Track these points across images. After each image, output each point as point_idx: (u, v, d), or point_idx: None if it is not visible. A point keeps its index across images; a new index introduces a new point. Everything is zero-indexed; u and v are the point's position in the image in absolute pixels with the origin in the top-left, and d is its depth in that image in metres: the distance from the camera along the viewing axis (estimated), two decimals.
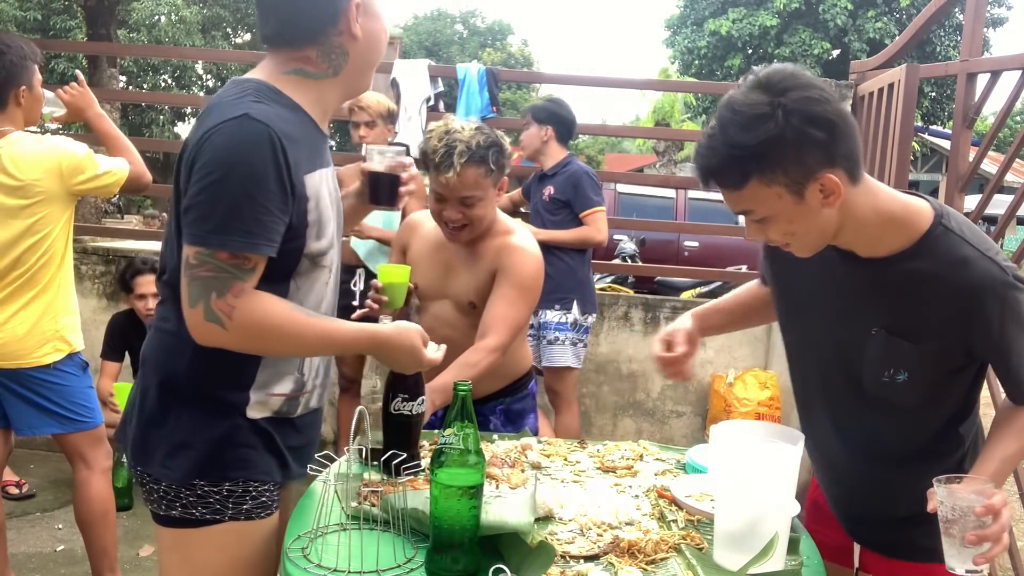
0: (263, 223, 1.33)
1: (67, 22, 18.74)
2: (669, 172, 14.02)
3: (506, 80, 5.15)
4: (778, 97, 1.28)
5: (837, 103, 1.32)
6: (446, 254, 2.20)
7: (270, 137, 1.33)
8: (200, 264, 1.33)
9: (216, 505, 1.44)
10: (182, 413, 1.44)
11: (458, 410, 1.31)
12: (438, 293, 2.21)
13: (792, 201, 1.33)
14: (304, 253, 1.44)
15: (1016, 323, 1.39)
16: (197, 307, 1.34)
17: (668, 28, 18.72)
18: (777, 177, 1.30)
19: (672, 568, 1.37)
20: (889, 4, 16.20)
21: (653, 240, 8.58)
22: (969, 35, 3.46)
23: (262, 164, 1.32)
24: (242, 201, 1.31)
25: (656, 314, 4.35)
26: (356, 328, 1.49)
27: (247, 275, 1.34)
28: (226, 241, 1.31)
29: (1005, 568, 3.22)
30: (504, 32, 31.57)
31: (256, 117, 1.34)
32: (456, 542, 1.29)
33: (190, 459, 1.43)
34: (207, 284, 1.33)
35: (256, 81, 1.44)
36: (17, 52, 2.52)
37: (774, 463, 1.35)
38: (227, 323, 1.34)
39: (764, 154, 1.29)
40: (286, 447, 1.53)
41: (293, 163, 1.37)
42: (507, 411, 2.31)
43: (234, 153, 1.32)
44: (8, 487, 3.66)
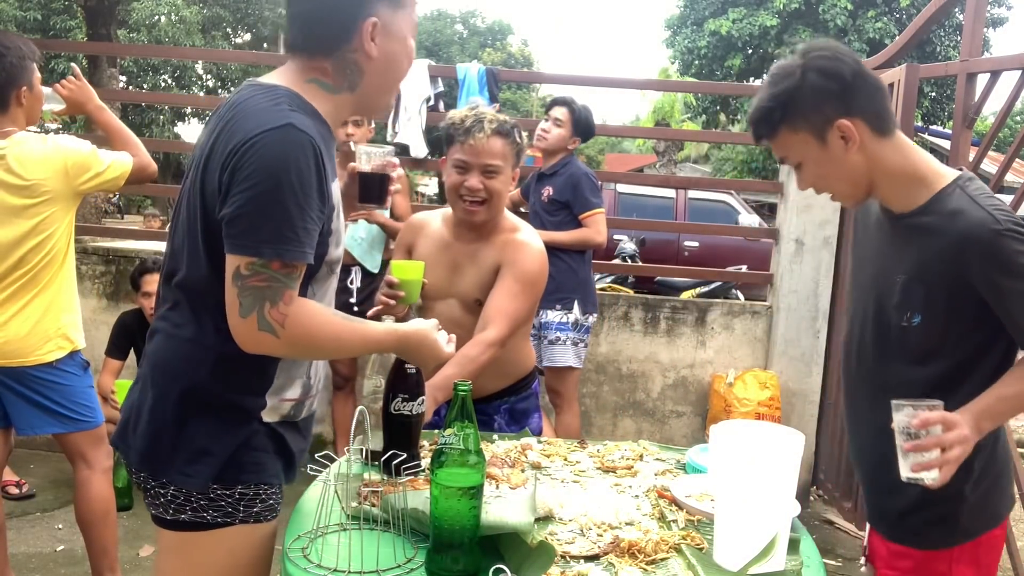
0: (310, 232, 1.35)
1: (67, 22, 18.74)
2: (669, 172, 14.03)
3: (506, 80, 5.15)
4: (802, 59, 1.55)
5: (856, 65, 1.55)
6: (452, 253, 2.21)
7: (313, 147, 1.35)
8: (253, 275, 1.33)
9: (228, 508, 1.43)
10: (203, 420, 1.42)
11: (458, 410, 1.31)
12: (444, 292, 2.21)
13: (817, 146, 1.56)
14: (325, 260, 1.46)
15: (1005, 271, 1.47)
16: (250, 317, 1.33)
17: (668, 28, 18.72)
18: (800, 124, 1.55)
19: (672, 568, 1.37)
20: (889, 4, 16.19)
21: (653, 240, 8.59)
22: (969, 35, 3.46)
23: (308, 174, 1.33)
24: (293, 211, 1.32)
25: (656, 314, 4.36)
26: (384, 328, 1.54)
27: (295, 283, 1.36)
28: (280, 251, 1.32)
29: (1005, 568, 3.22)
30: (504, 32, 31.57)
31: (299, 127, 1.34)
32: (456, 542, 1.29)
33: (211, 465, 1.41)
34: (261, 294, 1.33)
35: (285, 88, 1.44)
36: (16, 53, 2.52)
37: (774, 463, 1.35)
38: (280, 331, 1.34)
39: (787, 104, 1.54)
40: (296, 450, 1.54)
41: (331, 174, 1.40)
42: (511, 410, 2.31)
43: (283, 163, 1.32)
44: (8, 487, 3.66)
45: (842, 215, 4.14)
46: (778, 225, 4.37)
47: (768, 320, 4.30)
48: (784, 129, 1.57)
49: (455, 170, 2.13)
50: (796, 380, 4.17)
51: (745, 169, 20.17)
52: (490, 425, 2.25)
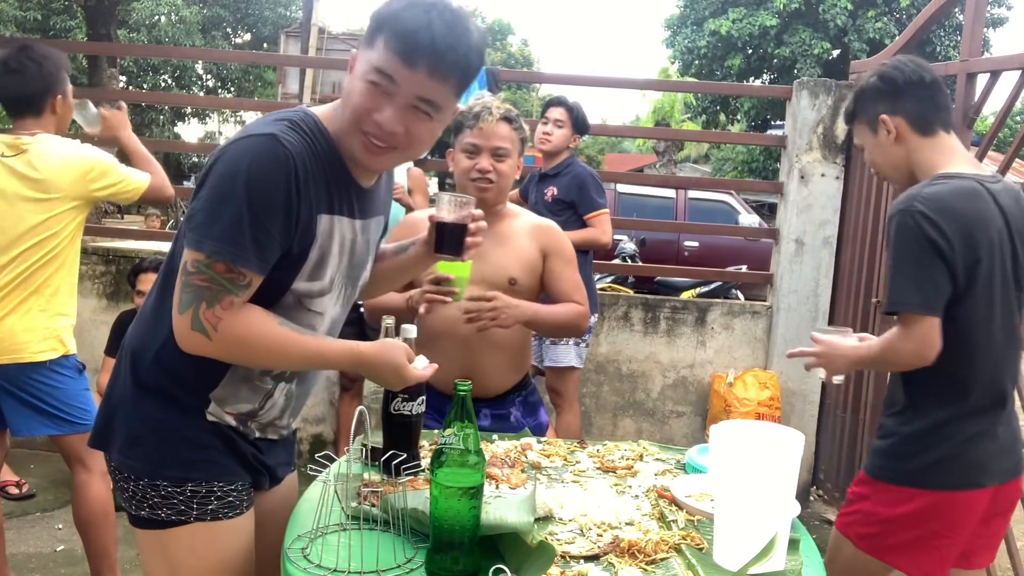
0: (260, 242, 1.33)
1: (67, 22, 18.74)
2: (669, 172, 14.04)
3: (506, 80, 5.15)
4: (880, 66, 1.99)
5: (913, 75, 1.93)
6: None
7: (289, 163, 1.32)
8: (197, 272, 1.33)
9: (180, 506, 1.45)
10: (149, 403, 1.45)
11: (458, 410, 1.31)
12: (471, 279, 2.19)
13: (871, 135, 1.99)
14: (293, 289, 1.43)
15: (891, 244, 1.85)
16: (186, 314, 1.34)
17: (668, 28, 18.72)
18: (861, 117, 2.00)
19: (672, 568, 1.37)
20: (889, 4, 16.20)
21: (653, 240, 8.59)
22: (969, 35, 3.47)
23: (275, 186, 1.32)
24: (245, 216, 1.31)
25: (656, 314, 4.36)
26: (340, 346, 1.47)
27: (241, 291, 1.35)
28: (224, 252, 1.31)
29: (1005, 568, 3.22)
30: (504, 32, 31.60)
31: (281, 140, 1.33)
32: (456, 542, 1.29)
33: (149, 451, 1.45)
34: (199, 293, 1.33)
35: (304, 111, 1.44)
36: (54, 62, 2.61)
37: (774, 463, 1.35)
38: (212, 334, 1.34)
39: (856, 99, 2.01)
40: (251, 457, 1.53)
41: (307, 196, 1.37)
42: (524, 403, 2.33)
43: (250, 169, 1.31)
44: (8, 487, 3.66)
45: (842, 215, 4.14)
46: (778, 225, 4.37)
47: (768, 320, 4.30)
48: (856, 121, 2.03)
49: (465, 155, 2.19)
50: (796, 380, 4.17)
51: (745, 169, 20.18)
52: (507, 419, 2.26)
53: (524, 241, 2.22)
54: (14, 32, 17.27)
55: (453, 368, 2.14)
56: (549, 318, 2.20)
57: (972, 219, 1.80)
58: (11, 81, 2.56)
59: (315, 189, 1.38)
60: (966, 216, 1.80)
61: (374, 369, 1.48)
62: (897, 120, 1.92)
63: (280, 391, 1.53)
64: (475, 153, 2.17)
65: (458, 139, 2.21)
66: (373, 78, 1.35)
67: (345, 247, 1.49)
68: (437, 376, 2.13)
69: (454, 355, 2.14)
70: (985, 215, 1.83)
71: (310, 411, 4.20)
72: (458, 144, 2.21)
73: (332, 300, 1.52)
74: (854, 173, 4.09)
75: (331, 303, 1.52)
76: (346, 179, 1.46)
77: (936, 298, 1.79)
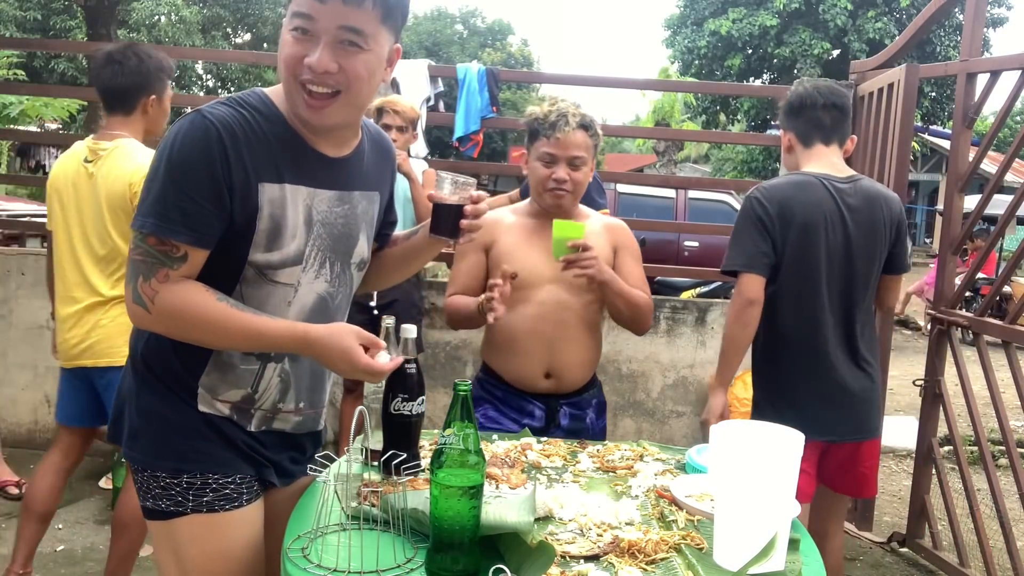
0: (187, 212, 1.36)
1: (67, 22, 18.74)
2: (669, 172, 14.03)
3: (506, 80, 5.15)
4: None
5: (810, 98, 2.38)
6: (543, 239, 2.20)
7: (211, 132, 1.36)
8: (135, 248, 1.41)
9: (178, 498, 1.47)
10: (147, 395, 1.50)
11: (458, 410, 1.31)
12: (543, 279, 2.21)
13: (784, 144, 2.49)
14: (249, 261, 1.44)
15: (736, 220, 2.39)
16: (128, 288, 1.41)
17: (668, 28, 18.73)
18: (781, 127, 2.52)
19: (672, 568, 1.37)
20: (889, 4, 16.20)
21: (653, 240, 8.57)
22: (969, 35, 3.46)
23: (193, 156, 1.36)
24: (168, 188, 1.37)
25: (656, 314, 4.35)
26: (284, 325, 1.43)
27: (175, 263, 1.39)
28: (151, 225, 1.37)
29: (1005, 568, 3.22)
30: (504, 32, 31.59)
31: (206, 115, 1.38)
32: (456, 542, 1.29)
33: (147, 442, 1.49)
34: (137, 267, 1.40)
35: (252, 90, 1.49)
36: (156, 63, 2.63)
37: (774, 463, 1.35)
38: (150, 306, 1.39)
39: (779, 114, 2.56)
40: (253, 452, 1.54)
41: (240, 164, 1.38)
42: (598, 403, 2.38)
43: (171, 145, 1.38)
44: (8, 487, 3.66)
45: None
46: None
47: None
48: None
49: (541, 163, 2.20)
50: None
51: (745, 169, 20.17)
52: (583, 420, 2.29)
53: (598, 240, 2.24)
54: (14, 32, 17.27)
55: (535, 365, 2.22)
56: (626, 292, 2.21)
57: (795, 204, 2.29)
58: (109, 72, 2.58)
59: (252, 158, 1.39)
60: (789, 201, 2.29)
61: (322, 352, 1.43)
62: (789, 135, 2.45)
63: (271, 371, 1.52)
64: (552, 163, 2.18)
65: (533, 146, 2.21)
66: (294, 24, 1.39)
67: (314, 218, 1.48)
68: (518, 374, 2.22)
69: (536, 352, 2.20)
70: (811, 203, 2.30)
71: None
72: (533, 151, 2.22)
73: (311, 275, 1.51)
74: None
75: (310, 277, 1.51)
76: (302, 148, 1.47)
77: (757, 259, 2.30)
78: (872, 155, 3.83)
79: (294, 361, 1.55)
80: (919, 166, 21.46)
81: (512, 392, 2.25)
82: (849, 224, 2.31)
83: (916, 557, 3.62)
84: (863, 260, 2.34)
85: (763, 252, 2.29)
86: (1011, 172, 3.78)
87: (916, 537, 3.62)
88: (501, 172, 12.38)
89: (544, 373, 2.23)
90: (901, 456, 5.14)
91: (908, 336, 10.20)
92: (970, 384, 3.35)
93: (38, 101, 11.56)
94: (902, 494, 4.38)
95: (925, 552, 3.56)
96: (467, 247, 2.19)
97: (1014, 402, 3.14)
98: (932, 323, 3.59)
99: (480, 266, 2.25)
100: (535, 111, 2.23)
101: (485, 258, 2.26)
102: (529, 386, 2.23)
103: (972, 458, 4.05)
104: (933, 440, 3.57)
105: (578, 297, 2.23)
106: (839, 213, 2.30)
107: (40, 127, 12.91)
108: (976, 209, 3.55)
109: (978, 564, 3.31)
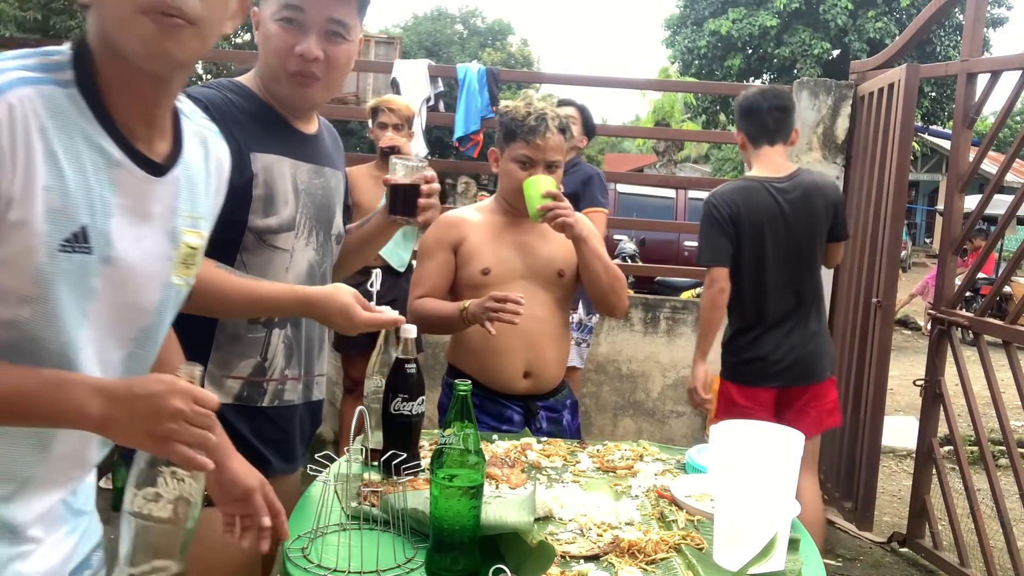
0: None
1: (67, 22, 18.72)
2: (669, 172, 14.02)
3: (506, 80, 5.15)
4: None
5: (748, 103, 2.87)
6: (514, 235, 2.21)
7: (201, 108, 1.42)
8: None
9: None
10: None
11: (458, 410, 1.31)
12: (515, 274, 2.19)
13: (739, 142, 2.97)
14: (248, 227, 1.50)
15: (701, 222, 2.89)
16: None
17: (668, 28, 18.71)
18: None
19: (672, 568, 1.37)
20: (889, 4, 16.19)
21: (653, 240, 8.59)
22: (969, 35, 3.46)
23: None
24: None
25: (656, 314, 4.35)
26: (283, 288, 1.51)
27: None
28: None
29: (1005, 568, 3.22)
30: (504, 32, 31.58)
31: (191, 94, 1.42)
32: (456, 542, 1.29)
33: None
34: None
35: (219, 80, 1.59)
36: None
37: (774, 463, 1.35)
38: None
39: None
40: (259, 439, 1.55)
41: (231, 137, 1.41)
42: (572, 404, 2.35)
43: None
44: None
45: None
46: None
47: None
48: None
49: (518, 165, 2.16)
50: None
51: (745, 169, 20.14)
52: (560, 423, 2.26)
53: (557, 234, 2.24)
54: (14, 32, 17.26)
55: (515, 364, 2.18)
56: (603, 254, 2.22)
57: (742, 208, 2.79)
58: None
59: (240, 131, 1.48)
60: (738, 206, 2.79)
61: (323, 312, 1.51)
62: (741, 135, 2.91)
63: (277, 337, 1.57)
64: (530, 166, 2.15)
65: (509, 147, 2.18)
66: (283, 15, 1.49)
67: (300, 187, 1.58)
68: (497, 375, 2.18)
69: (515, 350, 2.17)
70: (757, 205, 2.79)
71: None
72: (509, 151, 2.18)
73: (303, 242, 1.59)
74: (854, 173, 4.09)
75: (301, 244, 1.59)
76: (281, 123, 1.57)
77: (720, 254, 2.80)
78: (872, 155, 3.83)
79: (295, 326, 1.61)
80: (919, 166, 21.46)
81: (488, 397, 2.17)
82: (789, 217, 2.80)
83: (916, 557, 3.62)
84: (806, 243, 2.84)
85: (724, 247, 2.80)
86: (1011, 172, 3.75)
87: (916, 537, 3.62)
88: None
89: (523, 372, 2.18)
90: (901, 456, 5.14)
91: (908, 336, 10.20)
92: (970, 384, 3.35)
93: None
94: (902, 494, 4.38)
95: (925, 552, 3.56)
96: (434, 246, 2.20)
97: (1014, 402, 3.14)
98: (932, 323, 3.59)
99: (448, 265, 2.20)
100: (511, 109, 2.18)
101: (453, 257, 2.20)
102: (507, 387, 2.18)
103: (972, 458, 4.05)
104: (933, 440, 3.57)
105: (550, 292, 2.21)
106: (779, 210, 2.80)
107: None
108: (976, 209, 3.55)
109: (978, 564, 3.31)
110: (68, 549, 1.08)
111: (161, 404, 0.93)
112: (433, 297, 2.17)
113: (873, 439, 3.69)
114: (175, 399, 0.94)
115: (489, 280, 2.13)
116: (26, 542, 1.01)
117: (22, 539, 1.01)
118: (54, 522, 1.06)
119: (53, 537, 1.06)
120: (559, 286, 2.22)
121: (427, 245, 2.23)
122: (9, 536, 0.99)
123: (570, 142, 2.22)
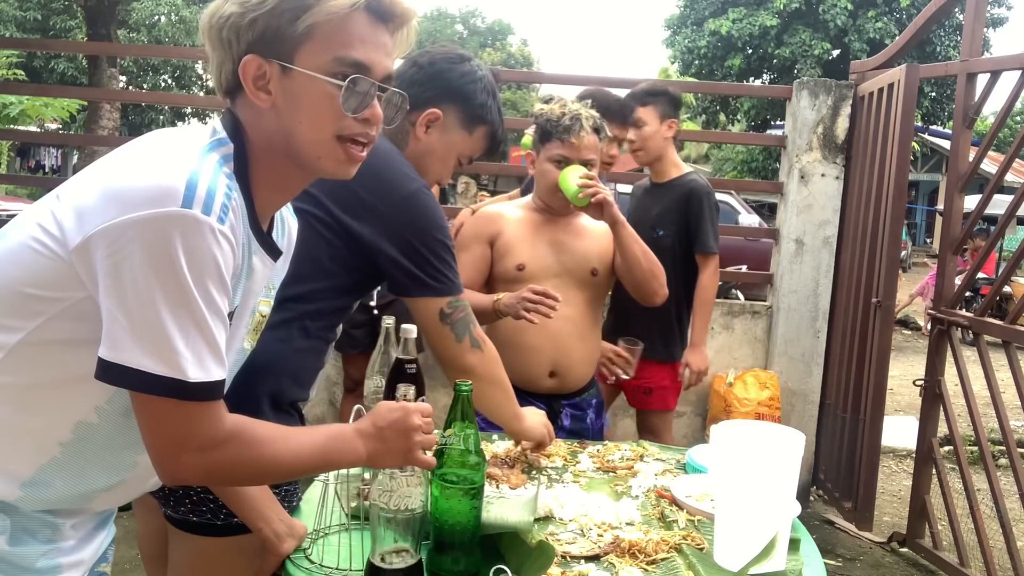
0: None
1: (67, 22, 18.73)
2: None
3: (506, 80, 5.15)
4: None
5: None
6: (549, 232, 2.23)
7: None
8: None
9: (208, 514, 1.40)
10: None
11: (458, 410, 1.31)
12: (549, 271, 2.20)
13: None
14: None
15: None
16: None
17: (668, 28, 18.71)
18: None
19: (673, 568, 1.37)
20: (889, 4, 16.19)
21: None
22: (969, 35, 3.46)
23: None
24: None
25: None
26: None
27: None
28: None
29: (1005, 568, 3.22)
30: (504, 32, 31.59)
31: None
32: (457, 542, 1.29)
33: None
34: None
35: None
36: None
37: (774, 463, 1.35)
38: None
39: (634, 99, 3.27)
40: None
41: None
42: (598, 403, 2.36)
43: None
44: None
45: (842, 215, 4.14)
46: (778, 225, 4.36)
47: (768, 320, 4.30)
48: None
49: (554, 164, 2.17)
50: (796, 380, 4.17)
51: (745, 169, 20.16)
52: (584, 420, 2.27)
53: (601, 232, 2.25)
54: (14, 32, 17.27)
55: (541, 362, 2.19)
56: (638, 241, 2.23)
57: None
58: None
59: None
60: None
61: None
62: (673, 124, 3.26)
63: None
64: (565, 165, 2.16)
65: (545, 147, 2.19)
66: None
67: None
68: (521, 372, 2.15)
69: (542, 348, 2.18)
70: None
71: (311, 411, 4.19)
72: (545, 153, 2.19)
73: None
74: (854, 173, 4.09)
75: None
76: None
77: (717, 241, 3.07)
78: (872, 155, 3.83)
79: None
80: (919, 166, 21.45)
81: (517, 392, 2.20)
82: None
83: (916, 557, 3.62)
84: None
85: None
86: (1011, 172, 3.76)
87: (916, 537, 3.62)
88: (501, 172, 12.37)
89: (548, 371, 2.20)
90: (901, 456, 5.14)
91: (908, 336, 10.20)
92: (970, 384, 3.36)
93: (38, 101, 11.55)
94: (902, 494, 4.38)
95: (925, 552, 3.56)
96: (471, 239, 2.21)
97: (1014, 402, 3.14)
98: (932, 323, 3.59)
99: (484, 259, 2.22)
100: (546, 112, 2.20)
101: (490, 251, 2.22)
102: (531, 385, 2.20)
103: (972, 458, 4.05)
104: (933, 440, 3.57)
105: (582, 291, 2.22)
106: None
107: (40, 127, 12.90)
108: (976, 209, 3.55)
109: (978, 564, 3.31)
110: (97, 544, 1.17)
111: (406, 426, 1.14)
112: (469, 290, 2.18)
113: (873, 439, 3.69)
114: (414, 418, 1.14)
115: (523, 276, 2.16)
116: (64, 539, 1.09)
117: (62, 536, 1.09)
118: (89, 521, 1.15)
119: (87, 533, 1.14)
120: (592, 285, 2.23)
121: (464, 238, 2.26)
122: (49, 531, 1.07)
123: (604, 141, 2.23)
